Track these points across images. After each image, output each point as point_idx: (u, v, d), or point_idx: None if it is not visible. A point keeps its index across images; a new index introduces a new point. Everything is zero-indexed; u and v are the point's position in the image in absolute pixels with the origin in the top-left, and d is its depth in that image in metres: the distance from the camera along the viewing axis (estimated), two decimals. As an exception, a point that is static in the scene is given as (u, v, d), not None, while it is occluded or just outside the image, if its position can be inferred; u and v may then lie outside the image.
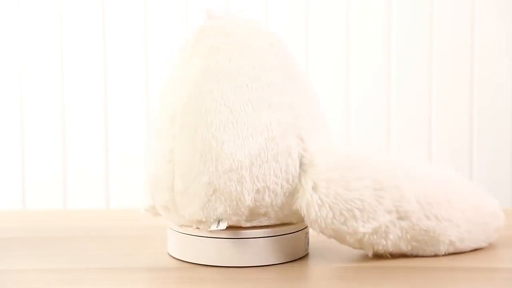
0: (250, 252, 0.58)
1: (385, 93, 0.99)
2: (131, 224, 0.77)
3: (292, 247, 0.60)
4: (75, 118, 0.99)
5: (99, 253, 0.64)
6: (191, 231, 0.59)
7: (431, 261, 0.60)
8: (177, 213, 0.59)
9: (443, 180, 0.63)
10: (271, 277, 0.56)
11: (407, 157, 0.64)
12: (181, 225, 0.60)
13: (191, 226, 0.59)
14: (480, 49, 0.99)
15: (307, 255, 0.62)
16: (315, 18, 0.99)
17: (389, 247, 0.59)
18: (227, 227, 0.57)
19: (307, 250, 0.63)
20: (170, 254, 0.62)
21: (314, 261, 0.61)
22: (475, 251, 0.63)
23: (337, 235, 0.58)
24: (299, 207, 0.58)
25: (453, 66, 0.99)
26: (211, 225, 0.57)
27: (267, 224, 0.59)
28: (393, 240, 0.59)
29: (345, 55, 0.99)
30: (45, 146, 0.99)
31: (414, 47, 0.99)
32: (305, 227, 0.61)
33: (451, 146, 1.00)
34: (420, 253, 0.60)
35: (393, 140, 0.99)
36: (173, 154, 0.58)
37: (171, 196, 0.59)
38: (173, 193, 0.58)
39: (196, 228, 0.59)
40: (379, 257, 0.60)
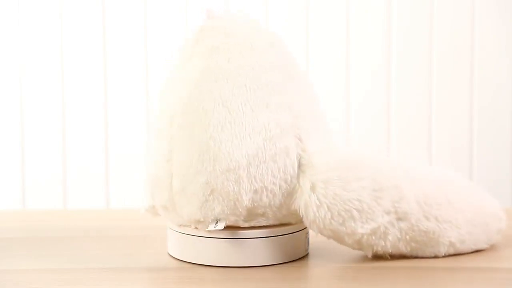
0: (250, 252, 0.58)
1: (385, 93, 0.99)
2: (131, 224, 0.77)
3: (291, 247, 0.60)
4: (75, 118, 0.99)
5: (99, 253, 0.64)
6: (190, 231, 0.59)
7: (431, 261, 0.60)
8: (176, 213, 0.59)
9: (443, 180, 0.63)
10: (271, 277, 0.56)
11: (407, 157, 0.64)
12: (180, 225, 0.60)
13: (189, 226, 0.59)
14: (480, 49, 0.99)
15: (307, 255, 0.62)
16: (315, 18, 0.99)
17: (388, 248, 0.59)
18: (225, 227, 0.57)
19: (307, 250, 0.62)
20: (170, 254, 0.62)
21: (314, 261, 0.61)
22: (475, 251, 0.63)
23: (336, 236, 0.58)
24: (298, 207, 0.58)
25: (453, 66, 0.99)
26: (209, 225, 0.57)
27: (265, 224, 0.59)
28: (392, 241, 0.58)
29: (345, 55, 0.99)
30: (45, 146, 0.99)
31: (414, 47, 0.99)
32: (305, 227, 0.61)
33: (451, 146, 0.99)
34: (419, 254, 0.60)
35: (393, 140, 0.99)
36: (172, 154, 0.58)
37: (170, 195, 0.59)
38: (172, 193, 0.58)
39: (194, 228, 0.59)
40: (379, 257, 0.60)
